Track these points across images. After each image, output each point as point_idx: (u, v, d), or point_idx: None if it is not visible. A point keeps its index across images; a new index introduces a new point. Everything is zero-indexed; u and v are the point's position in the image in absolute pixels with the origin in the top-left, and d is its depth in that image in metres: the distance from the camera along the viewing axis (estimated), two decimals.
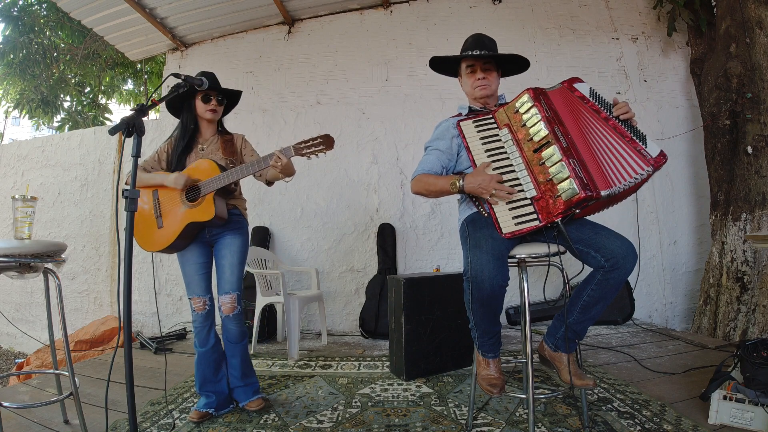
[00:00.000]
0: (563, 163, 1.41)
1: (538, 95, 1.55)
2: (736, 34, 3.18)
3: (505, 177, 1.53)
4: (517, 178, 1.51)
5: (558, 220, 1.43)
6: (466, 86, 1.82)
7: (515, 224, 1.48)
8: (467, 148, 1.63)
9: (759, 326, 2.84)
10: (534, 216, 1.47)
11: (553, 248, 1.47)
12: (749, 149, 3.04)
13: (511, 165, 1.54)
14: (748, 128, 3.08)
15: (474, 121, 1.66)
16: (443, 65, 1.90)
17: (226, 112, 2.08)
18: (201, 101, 1.92)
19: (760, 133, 3.03)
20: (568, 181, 1.39)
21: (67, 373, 1.63)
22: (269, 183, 2.02)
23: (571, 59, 3.93)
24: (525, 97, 1.56)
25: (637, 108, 3.86)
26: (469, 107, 1.82)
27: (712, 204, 3.35)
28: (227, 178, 1.81)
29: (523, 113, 1.55)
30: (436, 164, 1.72)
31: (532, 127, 1.51)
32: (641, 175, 1.41)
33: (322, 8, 4.05)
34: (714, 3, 3.55)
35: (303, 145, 1.82)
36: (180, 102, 1.95)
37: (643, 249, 3.70)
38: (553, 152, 1.44)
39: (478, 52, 1.72)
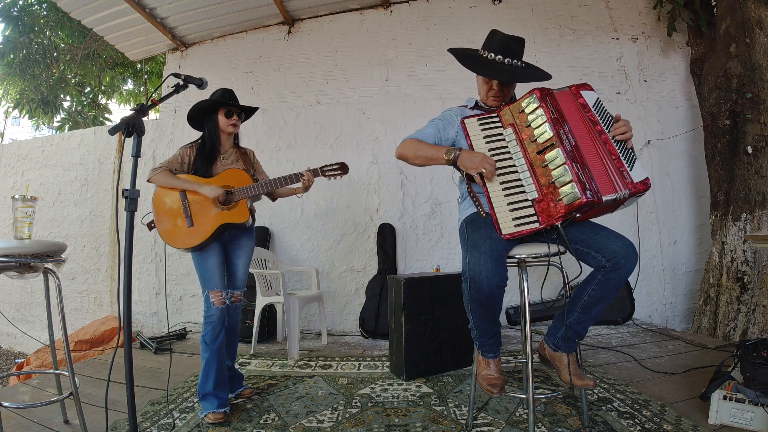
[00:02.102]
0: (566, 166, 1.40)
1: (545, 96, 1.53)
2: (736, 34, 3.18)
3: (507, 177, 1.52)
4: (519, 179, 1.50)
5: (558, 223, 1.42)
6: (480, 87, 1.79)
7: (515, 225, 1.47)
8: (470, 146, 1.61)
9: (759, 326, 2.84)
10: (534, 218, 1.46)
11: (553, 248, 1.46)
12: (749, 149, 3.04)
13: (514, 165, 1.52)
14: (748, 128, 3.08)
15: (478, 119, 1.64)
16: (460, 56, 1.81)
17: None
18: (224, 116, 2.06)
19: (760, 133, 3.03)
20: (570, 185, 1.38)
21: (67, 373, 1.63)
22: (273, 198, 2.24)
23: (571, 59, 3.93)
24: (531, 97, 1.54)
25: (637, 108, 3.87)
26: (476, 101, 1.83)
27: (712, 204, 3.35)
28: (262, 188, 2.01)
29: (529, 113, 1.53)
30: (432, 137, 1.74)
31: (537, 128, 1.49)
32: (616, 195, 1.41)
33: (322, 8, 4.05)
34: (714, 3, 3.55)
35: (327, 168, 2.12)
36: (202, 116, 2.08)
37: (643, 249, 3.70)
38: (556, 155, 1.43)
39: (500, 59, 1.66)
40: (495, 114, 1.64)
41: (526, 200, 1.48)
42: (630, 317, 3.53)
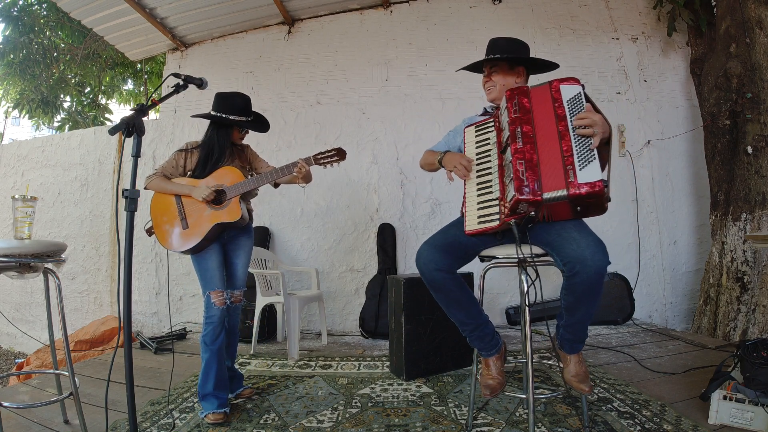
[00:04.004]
0: (511, 164, 1.43)
1: (514, 95, 1.55)
2: (736, 34, 3.18)
3: (484, 178, 1.57)
4: (491, 180, 1.55)
5: (512, 221, 1.43)
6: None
7: (478, 223, 1.54)
8: (464, 152, 1.71)
9: (759, 326, 2.84)
10: (496, 216, 1.49)
11: (529, 250, 1.46)
12: (749, 149, 3.04)
13: (491, 167, 1.57)
14: (748, 128, 3.08)
15: (476, 126, 1.71)
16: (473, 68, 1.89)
17: None
18: (237, 131, 2.10)
19: (760, 133, 3.03)
20: (511, 183, 1.41)
21: (67, 373, 1.63)
22: (276, 185, 2.19)
23: (571, 59, 3.93)
24: (504, 98, 1.58)
25: (637, 108, 3.87)
26: (485, 108, 1.88)
27: (712, 204, 3.35)
28: (253, 183, 1.98)
29: (502, 115, 1.58)
30: (443, 147, 1.88)
31: (505, 128, 1.54)
32: (554, 194, 1.36)
33: (322, 8, 4.05)
34: (714, 3, 3.55)
35: (320, 155, 2.04)
36: (216, 126, 2.07)
37: (643, 249, 3.70)
38: (509, 153, 1.46)
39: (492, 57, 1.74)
40: (491, 119, 1.68)
41: (494, 199, 1.52)
42: (630, 317, 3.53)
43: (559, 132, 1.42)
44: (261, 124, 2.18)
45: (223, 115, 2.01)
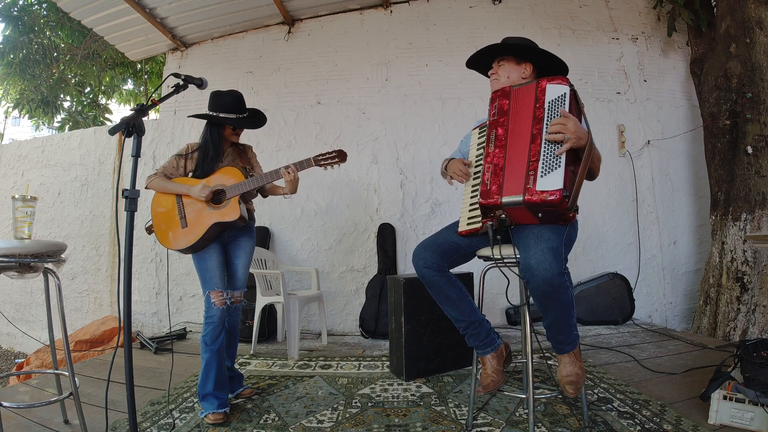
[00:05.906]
0: (482, 167, 1.47)
1: (495, 97, 1.55)
2: (736, 34, 3.18)
3: (476, 181, 1.58)
4: (479, 182, 1.55)
5: (488, 224, 1.45)
6: None
7: (467, 224, 1.58)
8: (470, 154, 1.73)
9: (759, 326, 2.85)
10: (480, 218, 1.51)
11: (508, 251, 1.48)
12: (749, 149, 3.04)
13: (481, 170, 1.57)
14: (748, 128, 3.08)
15: (480, 128, 1.71)
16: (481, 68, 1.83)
17: None
18: (230, 129, 2.10)
19: (760, 133, 3.03)
20: (480, 186, 1.43)
21: (67, 373, 1.63)
22: (264, 195, 2.22)
23: (571, 59, 3.92)
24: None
25: (637, 108, 3.87)
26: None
27: (712, 204, 3.35)
28: (251, 184, 1.98)
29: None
30: (458, 155, 1.91)
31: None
32: (511, 199, 1.36)
33: (322, 8, 4.05)
34: (714, 3, 3.55)
35: (321, 157, 2.07)
36: (209, 125, 2.09)
37: (643, 249, 3.70)
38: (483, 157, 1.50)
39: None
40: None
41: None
42: (630, 317, 3.52)
43: (532, 135, 1.40)
44: (254, 121, 2.16)
45: (213, 114, 2.02)
